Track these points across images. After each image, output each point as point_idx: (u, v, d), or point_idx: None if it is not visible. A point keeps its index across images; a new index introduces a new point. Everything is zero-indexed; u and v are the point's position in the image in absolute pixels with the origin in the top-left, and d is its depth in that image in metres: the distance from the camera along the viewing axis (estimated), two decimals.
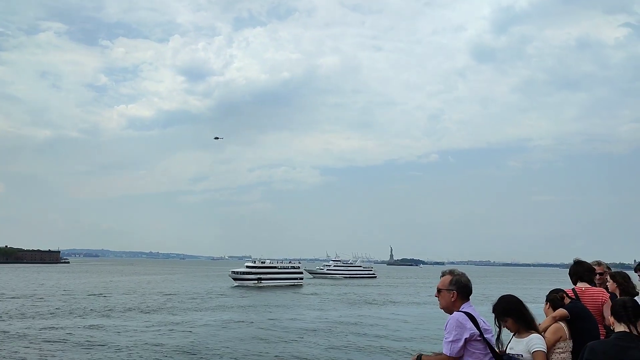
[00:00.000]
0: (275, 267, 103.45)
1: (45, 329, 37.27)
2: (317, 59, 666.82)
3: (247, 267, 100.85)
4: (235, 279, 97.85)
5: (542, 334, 4.99)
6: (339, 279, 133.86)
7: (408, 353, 29.19)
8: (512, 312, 4.48)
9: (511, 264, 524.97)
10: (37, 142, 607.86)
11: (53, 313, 46.54)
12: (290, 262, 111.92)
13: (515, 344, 4.49)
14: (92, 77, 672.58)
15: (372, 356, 29.44)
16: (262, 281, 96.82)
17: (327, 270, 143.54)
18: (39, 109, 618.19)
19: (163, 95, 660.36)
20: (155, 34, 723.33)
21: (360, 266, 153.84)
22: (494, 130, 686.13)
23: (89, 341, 32.52)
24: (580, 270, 5.46)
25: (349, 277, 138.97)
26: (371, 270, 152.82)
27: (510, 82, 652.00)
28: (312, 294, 78.85)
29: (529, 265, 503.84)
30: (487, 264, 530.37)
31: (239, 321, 44.01)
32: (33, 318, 42.98)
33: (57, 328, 37.66)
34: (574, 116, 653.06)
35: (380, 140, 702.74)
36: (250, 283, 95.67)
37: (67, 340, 32.86)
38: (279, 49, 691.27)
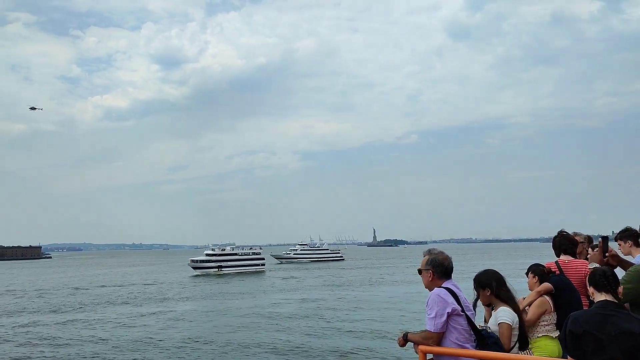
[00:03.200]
0: (235, 254, 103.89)
1: (25, 325, 38.27)
2: (294, 43, 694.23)
3: (207, 255, 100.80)
4: (195, 268, 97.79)
5: (527, 307, 5.50)
6: (305, 263, 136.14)
7: (385, 333, 30.15)
8: (488, 284, 4.88)
9: (492, 240, 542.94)
10: (11, 136, 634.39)
11: (36, 309, 47.88)
12: (251, 248, 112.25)
13: (490, 318, 4.91)
14: (65, 68, 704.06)
15: (349, 337, 30.17)
16: (223, 269, 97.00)
17: (294, 254, 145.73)
18: (11, 102, 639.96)
19: (138, 85, 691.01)
20: (127, 22, 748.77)
21: (327, 249, 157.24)
22: (472, 108, 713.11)
23: (60, 337, 32.81)
24: (564, 243, 5.87)
25: (316, 260, 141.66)
26: (339, 253, 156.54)
27: (486, 59, 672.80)
28: (273, 280, 79.89)
29: (510, 240, 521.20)
30: (469, 241, 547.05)
31: (208, 311, 44.68)
32: (14, 315, 44.24)
33: (37, 325, 38.52)
34: (550, 92, 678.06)
35: (360, 122, 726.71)
36: (211, 271, 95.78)
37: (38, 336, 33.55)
38: (254, 34, 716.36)
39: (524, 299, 5.60)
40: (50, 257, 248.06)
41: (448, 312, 4.12)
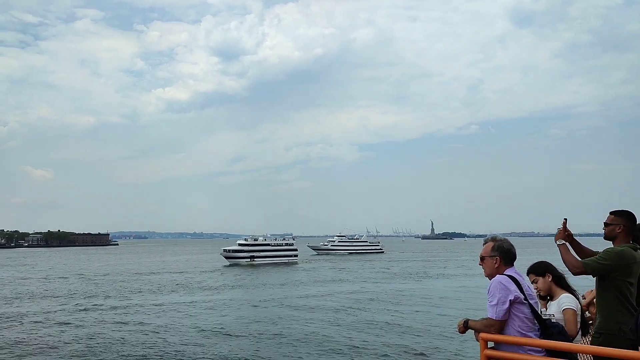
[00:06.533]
0: (268, 245, 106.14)
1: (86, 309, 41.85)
2: (351, 33, 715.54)
3: (240, 244, 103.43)
4: (227, 258, 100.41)
5: (594, 300, 5.53)
6: (343, 254, 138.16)
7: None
8: (546, 271, 5.22)
9: None
10: (81, 128, 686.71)
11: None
12: (284, 238, 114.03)
13: (549, 307, 5.09)
14: (129, 62, 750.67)
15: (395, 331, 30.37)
16: (255, 259, 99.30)
17: (332, 246, 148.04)
18: (81, 96, 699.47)
19: (198, 77, 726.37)
20: (188, 16, 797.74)
21: (366, 241, 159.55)
22: (536, 98, 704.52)
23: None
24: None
25: (354, 252, 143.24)
26: (378, 245, 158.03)
27: (552, 46, 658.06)
28: (302, 272, 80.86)
29: (576, 235, 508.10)
30: (531, 235, 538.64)
31: (245, 301, 46.83)
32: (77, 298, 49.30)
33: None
34: (622, 79, 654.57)
35: (418, 113, 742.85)
36: (243, 261, 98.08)
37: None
38: (311, 25, 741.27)
39: (592, 291, 5.64)
40: (118, 245, 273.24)
41: (510, 300, 4.23)
